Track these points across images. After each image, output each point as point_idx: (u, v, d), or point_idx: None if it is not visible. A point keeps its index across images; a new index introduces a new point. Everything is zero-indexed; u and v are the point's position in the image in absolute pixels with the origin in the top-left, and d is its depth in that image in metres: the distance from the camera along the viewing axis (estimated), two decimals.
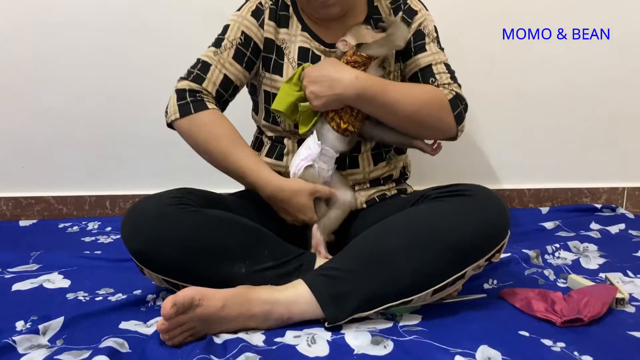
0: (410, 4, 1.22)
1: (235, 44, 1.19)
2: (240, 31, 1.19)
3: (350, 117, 1.13)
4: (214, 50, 1.19)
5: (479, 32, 1.69)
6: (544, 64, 1.71)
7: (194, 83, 1.16)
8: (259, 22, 1.19)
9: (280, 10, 1.21)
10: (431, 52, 1.20)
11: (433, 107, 1.13)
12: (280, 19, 1.20)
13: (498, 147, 1.77)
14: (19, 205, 1.74)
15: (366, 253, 1.01)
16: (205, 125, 1.14)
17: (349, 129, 1.13)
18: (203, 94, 1.16)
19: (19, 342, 0.92)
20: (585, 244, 1.44)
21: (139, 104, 1.69)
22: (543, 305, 1.04)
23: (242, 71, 1.20)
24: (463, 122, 1.16)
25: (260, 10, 1.20)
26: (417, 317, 1.03)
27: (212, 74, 1.17)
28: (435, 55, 1.20)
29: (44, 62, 1.66)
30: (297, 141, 1.21)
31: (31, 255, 1.38)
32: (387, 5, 1.23)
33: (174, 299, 0.90)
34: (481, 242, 1.00)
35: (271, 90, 1.21)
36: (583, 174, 1.81)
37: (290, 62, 1.19)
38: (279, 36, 1.20)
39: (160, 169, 1.73)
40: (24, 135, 1.70)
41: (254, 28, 1.19)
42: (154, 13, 1.65)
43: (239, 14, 1.21)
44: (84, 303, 1.12)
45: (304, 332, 0.97)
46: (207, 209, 1.08)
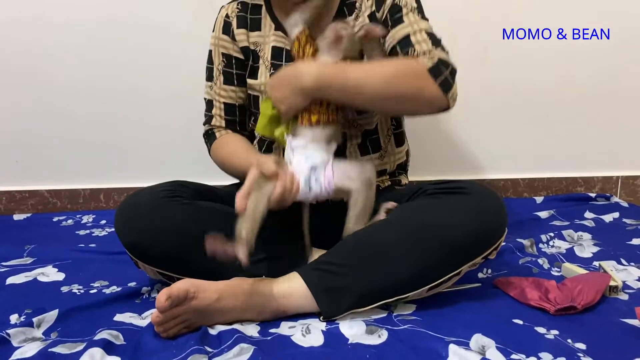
0: None
1: (221, 69, 1.22)
2: (220, 54, 1.22)
3: (319, 108, 1.05)
4: (209, 85, 1.25)
5: (472, 20, 1.68)
6: (537, 52, 1.71)
7: (207, 125, 1.27)
8: (230, 36, 1.20)
9: (250, 14, 1.20)
10: (409, 22, 1.09)
11: (405, 78, 1.02)
12: (250, 23, 1.20)
13: (492, 137, 1.77)
14: (13, 199, 1.73)
15: (362, 248, 1.01)
16: (217, 150, 1.24)
17: (320, 120, 1.05)
18: (214, 129, 1.25)
19: (13, 335, 0.92)
20: (580, 232, 1.45)
21: (133, 97, 1.68)
22: (537, 294, 1.04)
23: (236, 90, 1.23)
24: (452, 88, 1.03)
25: (228, 23, 1.21)
26: (411, 306, 1.03)
27: (215, 109, 1.25)
28: (414, 25, 1.09)
29: (37, 58, 1.65)
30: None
31: (25, 249, 1.38)
32: None
33: (168, 292, 0.90)
34: (478, 241, 1.00)
35: (252, 93, 1.21)
36: (577, 164, 1.82)
37: (265, 64, 1.18)
38: (252, 40, 1.20)
39: (155, 162, 1.72)
40: (17, 129, 1.69)
41: (229, 44, 1.21)
42: (144, 7, 1.63)
43: (214, 36, 1.23)
44: (79, 296, 1.11)
45: (298, 323, 0.97)
46: (200, 201, 1.08)
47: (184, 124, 1.67)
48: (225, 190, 1.24)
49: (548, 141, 1.79)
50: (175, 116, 1.69)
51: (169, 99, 1.69)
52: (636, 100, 1.78)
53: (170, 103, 1.69)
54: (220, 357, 0.86)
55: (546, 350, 0.87)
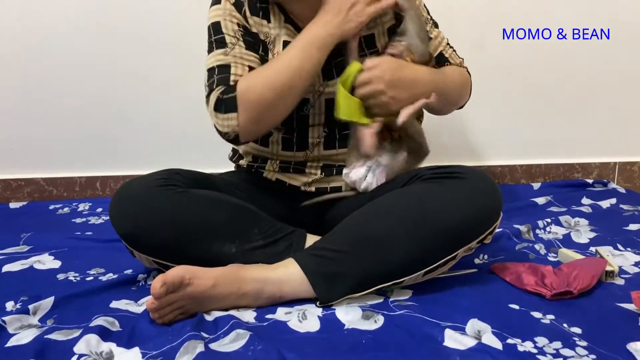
0: None
1: (239, 36, 1.10)
2: (235, 23, 1.11)
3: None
4: (223, 51, 1.08)
5: (470, 5, 1.67)
6: (536, 40, 1.70)
7: (221, 87, 1.04)
8: (242, 15, 1.12)
9: (260, 1, 1.14)
10: (434, 37, 1.23)
11: (467, 87, 1.27)
12: (261, 12, 1.14)
13: (489, 123, 1.77)
14: (9, 188, 1.72)
15: (358, 234, 1.00)
16: (250, 83, 1.03)
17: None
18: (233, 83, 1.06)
19: (9, 322, 0.92)
20: (577, 218, 1.45)
21: (129, 84, 1.67)
22: (533, 279, 1.04)
23: (258, 58, 1.11)
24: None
25: (240, 2, 1.13)
26: (407, 292, 1.03)
27: (235, 68, 1.07)
28: (439, 39, 1.24)
29: (33, 49, 1.63)
30: (284, 131, 1.18)
31: (21, 237, 1.37)
32: None
33: (163, 278, 0.90)
34: (473, 225, 1.00)
35: None
36: (575, 150, 1.81)
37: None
38: (263, 29, 1.13)
39: (151, 150, 1.72)
40: (13, 117, 1.68)
41: (242, 18, 1.12)
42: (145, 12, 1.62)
43: (221, 7, 1.12)
44: (75, 283, 1.11)
45: (294, 309, 0.97)
46: (195, 189, 1.07)
47: (180, 112, 1.66)
48: (222, 178, 1.23)
49: (546, 127, 1.78)
50: (172, 104, 1.68)
51: (165, 87, 1.68)
52: (634, 87, 1.77)
53: (166, 91, 1.68)
54: (217, 342, 0.86)
55: (542, 335, 0.87)
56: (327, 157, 1.19)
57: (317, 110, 1.16)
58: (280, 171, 1.20)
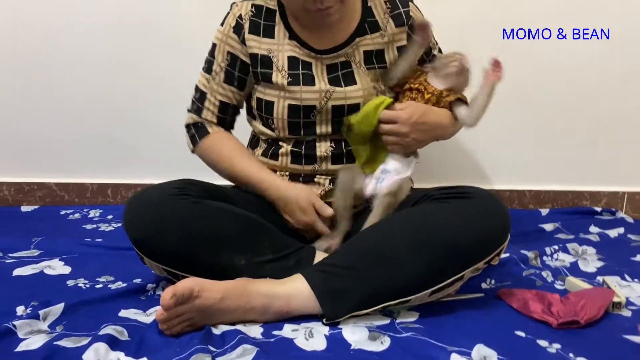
0: (415, 18, 1.23)
1: (223, 66, 1.22)
2: (225, 52, 1.21)
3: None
4: (207, 77, 1.24)
5: (481, 31, 1.68)
6: (546, 64, 1.71)
7: (195, 115, 1.26)
8: (240, 38, 1.20)
9: (264, 19, 1.20)
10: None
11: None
12: (263, 30, 1.20)
13: (499, 147, 1.77)
14: (21, 191, 1.74)
15: (366, 251, 1.01)
16: (209, 148, 1.24)
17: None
18: (205, 123, 1.25)
19: (19, 327, 0.93)
20: (584, 246, 1.45)
21: (143, 93, 1.70)
22: (540, 307, 1.04)
23: (236, 91, 1.23)
24: None
25: (240, 25, 1.19)
26: (414, 314, 1.03)
27: (208, 102, 1.24)
28: None
29: (48, 54, 1.66)
30: (292, 144, 1.21)
31: (32, 241, 1.39)
32: (383, 7, 1.22)
33: (173, 290, 0.91)
34: (481, 246, 1.01)
35: (264, 97, 1.20)
36: (584, 177, 1.81)
37: (280, 71, 1.18)
38: (264, 46, 1.19)
39: (164, 159, 1.73)
40: (28, 122, 1.71)
41: (237, 45, 1.20)
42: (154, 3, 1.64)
43: (222, 32, 1.21)
44: (84, 290, 1.12)
45: (301, 326, 0.98)
46: (209, 200, 1.09)
47: None
48: (233, 190, 1.25)
49: (555, 154, 1.79)
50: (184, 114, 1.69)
51: (179, 97, 1.69)
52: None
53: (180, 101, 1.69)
54: (224, 357, 0.86)
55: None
56: (334, 171, 1.20)
57: (324, 117, 1.19)
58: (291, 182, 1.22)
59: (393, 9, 1.23)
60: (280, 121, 1.19)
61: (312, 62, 1.19)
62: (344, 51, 1.20)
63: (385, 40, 1.21)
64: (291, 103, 1.17)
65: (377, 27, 1.21)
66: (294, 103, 1.17)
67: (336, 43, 1.20)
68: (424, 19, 1.24)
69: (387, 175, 1.17)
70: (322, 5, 1.08)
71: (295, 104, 1.17)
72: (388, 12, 1.22)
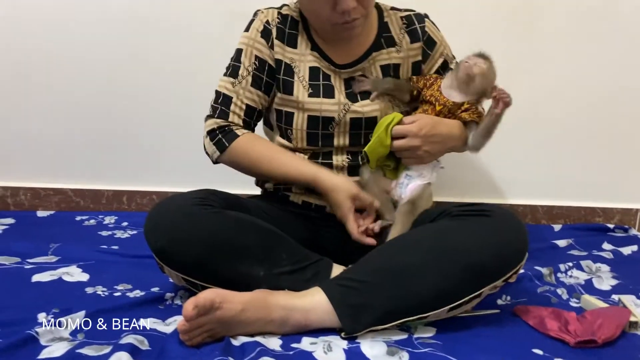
0: (430, 33, 1.25)
1: (251, 70, 1.21)
2: (253, 56, 1.21)
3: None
4: (232, 81, 1.21)
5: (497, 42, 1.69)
6: (561, 80, 1.72)
7: (220, 119, 1.21)
8: (268, 43, 1.21)
9: (288, 28, 1.22)
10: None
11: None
12: (288, 38, 1.21)
13: (513, 162, 1.78)
14: (37, 196, 1.76)
15: (385, 267, 1.02)
16: (242, 150, 1.19)
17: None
18: (231, 126, 1.21)
19: (41, 334, 0.94)
20: (598, 264, 1.45)
21: (161, 100, 1.71)
22: (556, 325, 1.05)
23: (262, 96, 1.23)
24: None
25: (268, 30, 1.21)
26: (432, 329, 1.04)
27: (234, 106, 1.21)
28: None
29: (68, 59, 1.68)
30: (310, 155, 1.22)
31: (50, 247, 1.40)
32: (399, 23, 1.24)
33: (195, 301, 0.91)
34: (499, 264, 1.01)
35: (283, 108, 1.22)
36: (597, 193, 1.82)
37: (301, 81, 1.20)
38: (287, 55, 1.21)
39: (179, 167, 1.75)
40: (45, 128, 1.73)
41: (265, 49, 1.21)
42: (179, 11, 1.66)
43: (249, 36, 1.22)
44: (103, 298, 1.14)
45: (320, 339, 0.98)
46: (229, 211, 1.10)
47: None
48: (251, 201, 1.26)
49: (568, 169, 1.79)
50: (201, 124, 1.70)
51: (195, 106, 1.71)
52: None
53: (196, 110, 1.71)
54: None
55: None
56: None
57: (342, 129, 1.20)
58: (307, 192, 1.23)
59: (409, 24, 1.24)
60: (299, 132, 1.20)
61: (331, 75, 1.21)
62: (361, 65, 1.22)
63: (401, 55, 1.23)
64: (310, 114, 1.19)
65: (393, 42, 1.23)
66: (314, 114, 1.19)
67: (354, 57, 1.22)
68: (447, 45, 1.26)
69: (410, 180, 1.18)
70: (349, 17, 1.09)
71: (315, 115, 1.19)
72: (404, 27, 1.24)
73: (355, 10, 1.09)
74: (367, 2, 1.11)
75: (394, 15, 1.26)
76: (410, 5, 1.29)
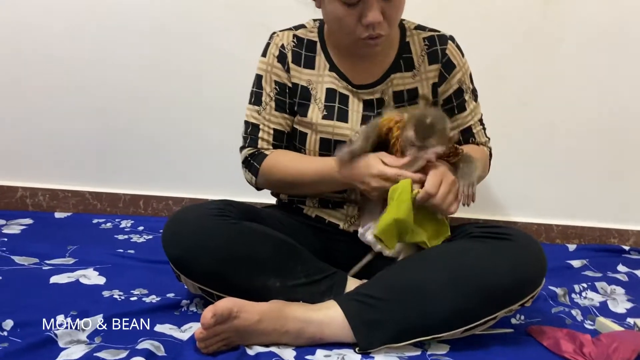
0: (450, 57, 1.21)
1: (273, 96, 1.21)
2: (273, 82, 1.21)
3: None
4: (257, 109, 1.23)
5: (515, 63, 1.70)
6: (577, 101, 1.71)
7: (250, 148, 1.23)
8: (284, 67, 1.21)
9: (305, 50, 1.21)
10: (469, 110, 1.24)
11: (485, 167, 1.27)
12: (305, 60, 1.21)
13: (528, 180, 1.78)
14: (56, 197, 1.78)
15: (402, 284, 1.02)
16: (272, 166, 1.20)
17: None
18: (262, 150, 1.22)
19: (60, 336, 0.96)
20: (613, 286, 1.44)
21: (180, 107, 1.73)
22: (571, 347, 1.04)
23: (288, 117, 1.23)
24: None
25: (283, 54, 1.21)
26: (445, 346, 1.04)
27: (262, 132, 1.22)
28: (474, 116, 1.25)
29: (85, 61, 1.71)
30: None
31: (67, 249, 1.42)
32: (421, 44, 1.20)
33: (214, 309, 0.92)
34: (517, 289, 1.02)
35: (298, 128, 1.22)
36: (612, 214, 1.80)
37: (317, 103, 1.20)
38: (304, 77, 1.21)
39: (196, 173, 1.77)
40: (65, 130, 1.75)
41: (283, 74, 1.21)
42: (200, 21, 1.69)
43: (266, 62, 1.22)
44: (120, 302, 1.15)
45: (334, 352, 0.99)
46: (246, 222, 1.11)
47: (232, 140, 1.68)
48: (266, 212, 1.26)
49: (584, 189, 1.78)
50: (223, 132, 1.72)
51: (216, 115, 1.73)
52: None
53: (215, 119, 1.73)
54: None
55: None
56: (365, 199, 1.21)
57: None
58: (320, 207, 1.23)
59: (430, 45, 1.21)
60: (312, 152, 1.20)
61: (349, 95, 1.19)
62: (380, 87, 1.20)
63: (417, 79, 1.20)
64: (323, 137, 1.19)
65: (411, 65, 1.20)
66: (326, 137, 1.19)
67: (373, 78, 1.20)
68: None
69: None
70: (374, 32, 1.07)
71: (327, 137, 1.18)
72: (425, 49, 1.20)
73: (380, 26, 1.07)
74: (392, 20, 1.09)
75: (417, 35, 1.22)
76: (426, 24, 1.26)
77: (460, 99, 1.23)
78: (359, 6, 1.05)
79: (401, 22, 1.22)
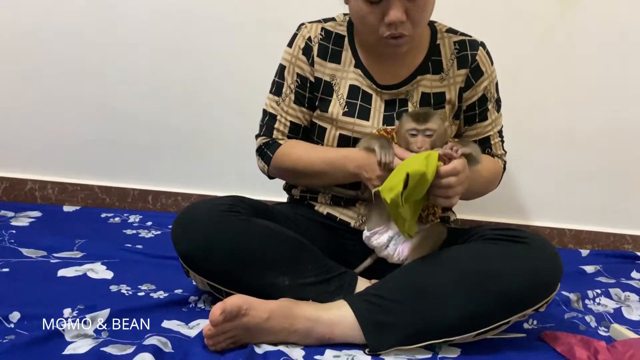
0: (480, 63, 1.18)
1: (293, 88, 1.20)
2: (295, 74, 1.20)
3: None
4: (276, 99, 1.22)
5: (533, 66, 1.68)
6: (594, 104, 1.69)
7: (265, 137, 1.24)
8: (309, 60, 1.19)
9: (332, 44, 1.19)
10: (491, 120, 1.23)
11: (495, 179, 1.26)
12: (331, 54, 1.19)
13: (541, 184, 1.75)
14: (65, 191, 1.78)
15: (414, 286, 1.01)
16: (284, 155, 1.19)
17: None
18: (277, 140, 1.22)
19: (67, 330, 0.95)
20: (627, 292, 1.41)
21: (189, 104, 1.72)
22: (585, 353, 1.02)
23: (305, 111, 1.22)
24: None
25: (309, 47, 1.19)
26: (456, 350, 1.02)
27: (279, 123, 1.22)
28: (494, 124, 1.24)
29: (97, 58, 1.70)
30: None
31: (75, 243, 1.41)
32: (451, 47, 1.18)
33: (222, 306, 0.91)
34: (531, 293, 1.00)
35: (318, 122, 1.20)
36: (626, 220, 1.78)
37: (339, 99, 1.18)
38: (327, 71, 1.19)
39: (205, 169, 1.75)
40: (75, 124, 1.74)
41: (306, 67, 1.19)
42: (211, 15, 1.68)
43: (291, 53, 1.20)
44: (127, 297, 1.14)
45: (343, 353, 0.97)
46: (257, 219, 1.10)
47: (241, 137, 1.68)
48: (277, 209, 1.25)
49: (598, 194, 1.76)
50: (233, 129, 1.71)
51: (225, 111, 1.72)
52: None
53: (224, 115, 1.72)
54: None
55: None
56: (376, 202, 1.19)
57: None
58: (332, 204, 1.22)
59: (460, 49, 1.18)
60: None
61: (373, 94, 1.18)
62: (405, 88, 1.17)
63: (444, 83, 1.18)
64: (342, 133, 1.17)
65: (439, 68, 1.17)
66: (345, 133, 1.17)
67: (398, 79, 1.18)
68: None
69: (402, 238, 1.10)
70: (396, 31, 1.05)
71: (347, 134, 1.17)
72: (455, 52, 1.18)
73: (403, 26, 1.05)
74: (416, 21, 1.06)
75: (448, 38, 1.19)
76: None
77: (483, 107, 1.21)
78: (382, 4, 1.04)
79: (432, 24, 1.20)
